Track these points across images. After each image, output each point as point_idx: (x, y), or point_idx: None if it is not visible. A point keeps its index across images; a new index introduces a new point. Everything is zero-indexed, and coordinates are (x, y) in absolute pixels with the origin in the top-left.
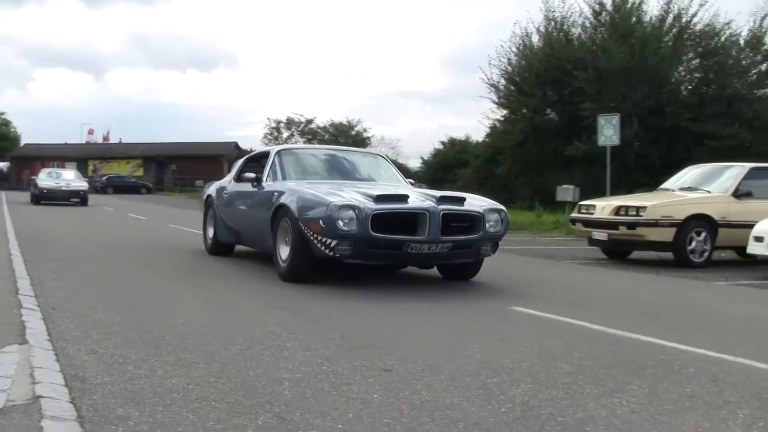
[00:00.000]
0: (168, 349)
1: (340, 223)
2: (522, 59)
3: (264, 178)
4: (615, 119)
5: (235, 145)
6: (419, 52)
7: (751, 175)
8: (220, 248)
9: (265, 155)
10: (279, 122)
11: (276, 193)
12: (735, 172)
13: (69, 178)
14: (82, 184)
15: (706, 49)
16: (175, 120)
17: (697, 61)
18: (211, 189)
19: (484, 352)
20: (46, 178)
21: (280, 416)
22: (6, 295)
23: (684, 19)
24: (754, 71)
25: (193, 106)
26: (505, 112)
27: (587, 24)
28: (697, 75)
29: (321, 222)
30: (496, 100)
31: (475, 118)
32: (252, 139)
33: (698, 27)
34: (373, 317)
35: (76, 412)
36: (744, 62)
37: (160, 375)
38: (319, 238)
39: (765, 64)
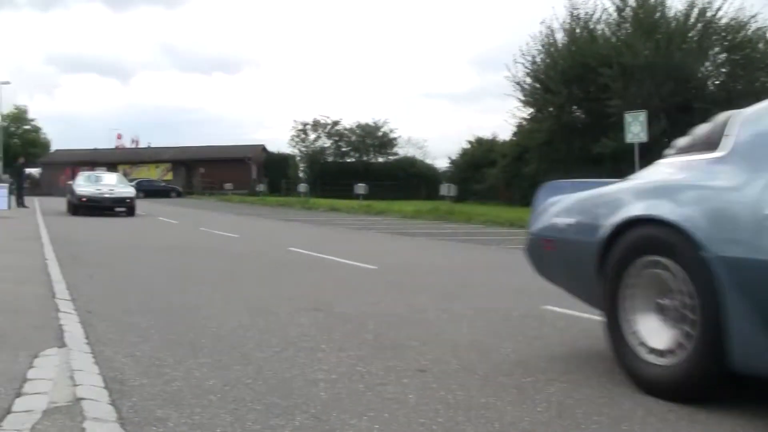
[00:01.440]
0: (204, 351)
1: None
2: (547, 57)
3: None
4: (642, 116)
5: (263, 148)
6: (445, 52)
7: None
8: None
9: None
10: (306, 124)
11: None
12: None
13: (111, 182)
14: (128, 190)
15: (732, 43)
16: (202, 123)
17: (724, 55)
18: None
19: (517, 352)
20: (84, 184)
21: (316, 417)
22: (44, 299)
23: (709, 14)
24: None
25: (219, 109)
26: (531, 110)
27: (611, 20)
28: (724, 70)
29: None
30: (522, 99)
31: (502, 117)
32: (278, 142)
33: (723, 21)
34: (405, 318)
35: (117, 413)
36: None
37: (197, 377)
38: None
39: None
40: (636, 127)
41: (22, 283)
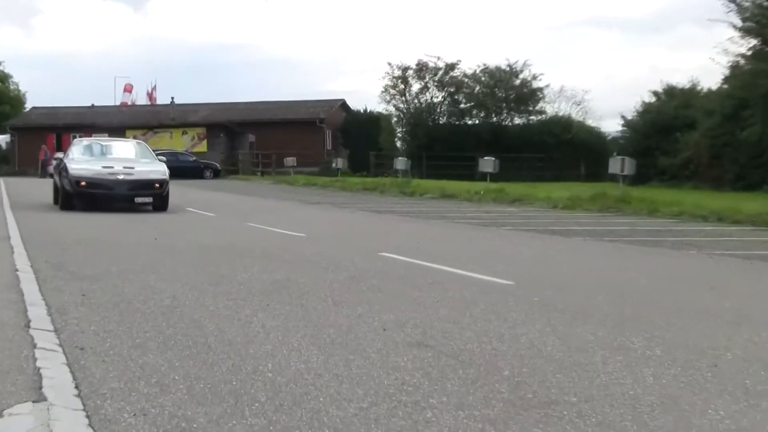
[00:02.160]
0: (254, 407)
1: None
2: None
3: None
4: None
5: (341, 105)
6: None
7: None
8: None
9: None
10: (406, 69)
11: None
12: None
13: (127, 155)
14: (156, 168)
15: None
16: (250, 68)
17: None
18: None
19: (734, 417)
20: (84, 159)
21: None
22: (12, 330)
23: None
24: None
25: (275, 46)
26: (754, 41)
27: None
28: None
29: None
30: (741, 25)
31: (705, 54)
32: (364, 95)
33: None
34: (557, 359)
35: None
36: None
37: None
38: None
39: None
40: None
41: None
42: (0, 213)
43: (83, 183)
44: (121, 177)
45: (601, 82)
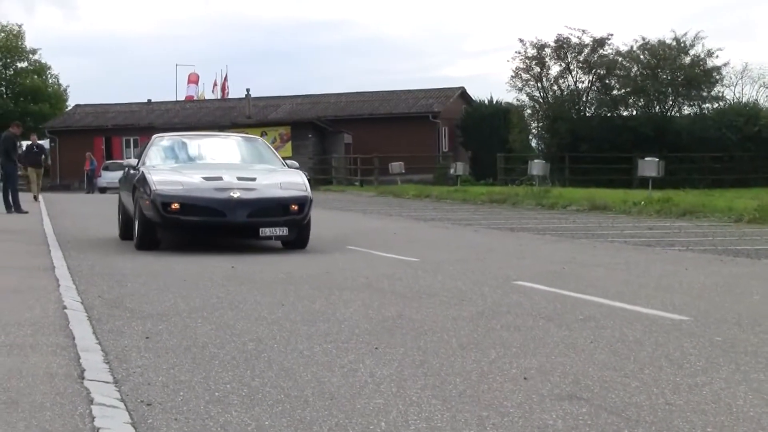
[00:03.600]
0: None
1: None
2: None
3: None
4: None
5: (461, 94)
6: None
7: None
8: None
9: None
10: (542, 47)
11: None
12: None
13: (234, 159)
14: (289, 180)
15: None
16: (345, 51)
17: None
18: None
19: None
20: (169, 168)
21: None
22: (63, 382)
23: None
24: None
25: (375, 26)
26: None
27: None
28: None
29: None
30: None
31: None
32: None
33: None
34: (744, 416)
35: None
36: None
37: None
38: None
39: None
40: None
41: (23, 351)
42: (45, 259)
43: (175, 206)
44: (236, 195)
45: None
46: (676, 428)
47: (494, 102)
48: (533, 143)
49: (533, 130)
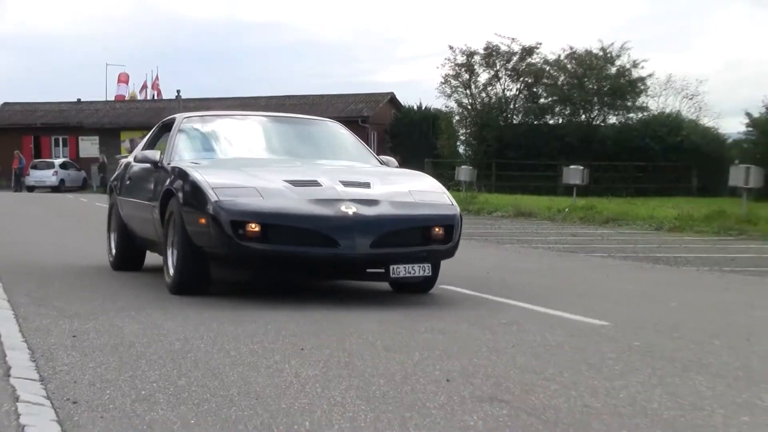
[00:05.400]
0: None
1: None
2: None
3: None
4: None
5: (391, 99)
6: None
7: None
8: None
9: None
10: (472, 54)
11: None
12: None
13: (314, 156)
14: (424, 188)
15: None
16: (276, 52)
17: None
18: None
19: None
20: (233, 173)
21: None
22: None
23: None
24: None
25: (305, 29)
26: None
27: None
28: None
29: None
30: None
31: None
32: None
33: None
34: (658, 418)
35: None
36: None
37: None
38: None
39: None
40: None
41: None
42: None
43: (254, 227)
44: (351, 211)
45: (720, 70)
46: (593, 430)
47: (423, 108)
48: (461, 149)
49: (461, 137)
